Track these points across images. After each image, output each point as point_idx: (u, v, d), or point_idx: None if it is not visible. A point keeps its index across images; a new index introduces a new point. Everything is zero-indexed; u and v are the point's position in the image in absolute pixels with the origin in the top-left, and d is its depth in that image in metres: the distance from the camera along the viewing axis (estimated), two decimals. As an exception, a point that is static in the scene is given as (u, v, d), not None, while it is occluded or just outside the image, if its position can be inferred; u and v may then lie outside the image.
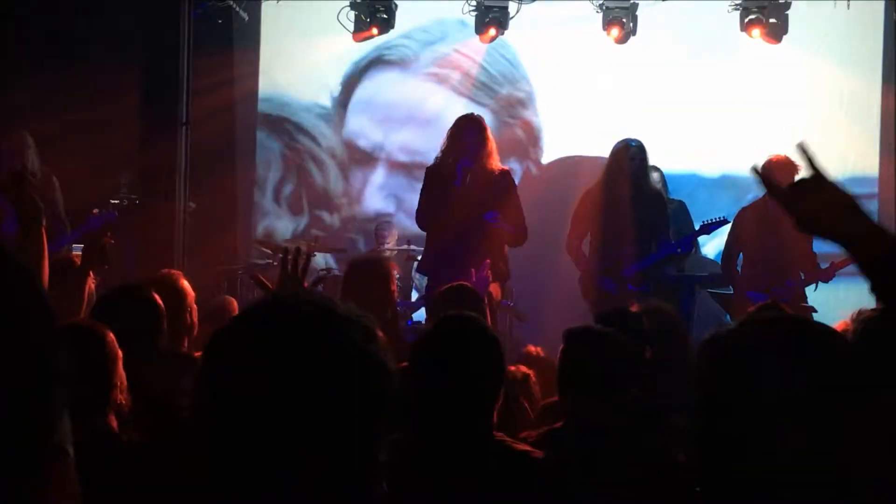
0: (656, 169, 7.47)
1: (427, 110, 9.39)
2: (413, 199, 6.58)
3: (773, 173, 6.99)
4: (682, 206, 7.50)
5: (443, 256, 5.91)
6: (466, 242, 5.83)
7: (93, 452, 2.37)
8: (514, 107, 9.59)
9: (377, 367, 1.22)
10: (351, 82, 9.65)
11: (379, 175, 9.58)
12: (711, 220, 6.64)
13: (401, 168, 9.48)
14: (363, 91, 9.65)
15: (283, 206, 9.71)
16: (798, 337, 1.42)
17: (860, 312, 2.39)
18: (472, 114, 6.22)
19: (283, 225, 9.68)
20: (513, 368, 4.00)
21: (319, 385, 1.17)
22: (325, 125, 9.68)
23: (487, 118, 6.58)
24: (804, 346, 1.40)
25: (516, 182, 6.42)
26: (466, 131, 5.93)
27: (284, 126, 9.67)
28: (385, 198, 9.56)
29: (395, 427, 1.26)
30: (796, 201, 1.64)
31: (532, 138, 9.64)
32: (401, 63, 9.61)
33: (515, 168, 8.75)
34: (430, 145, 8.57)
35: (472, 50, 9.37)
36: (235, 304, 4.89)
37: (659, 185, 7.28)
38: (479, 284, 5.35)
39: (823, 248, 6.70)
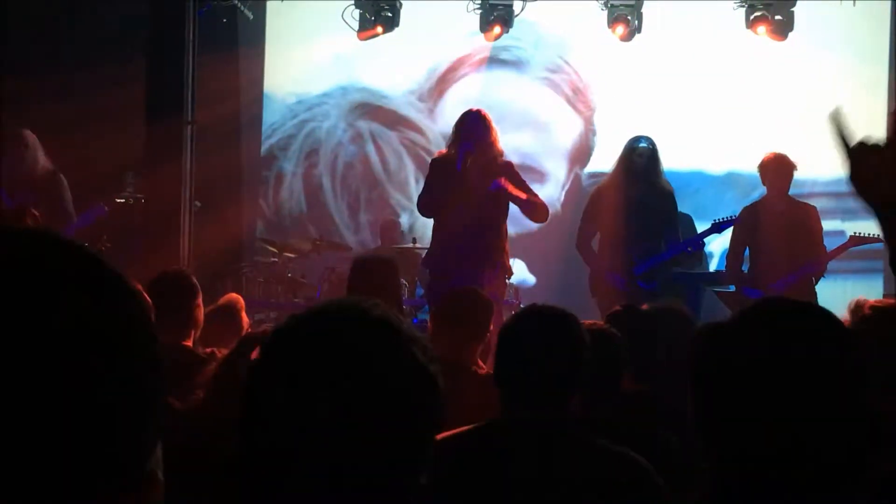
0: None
1: (541, 114, 9.41)
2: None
3: (768, 171, 6.96)
4: (688, 220, 7.51)
5: (447, 249, 5.94)
6: (469, 234, 5.84)
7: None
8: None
9: (435, 388, 1.21)
10: (447, 78, 9.58)
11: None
12: (722, 218, 6.63)
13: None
14: (469, 88, 9.52)
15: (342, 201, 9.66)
16: (792, 320, 1.43)
17: (857, 302, 2.40)
18: (475, 108, 6.26)
19: (287, 224, 9.70)
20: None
21: (377, 399, 1.16)
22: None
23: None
24: (799, 329, 1.42)
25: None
26: (469, 121, 5.99)
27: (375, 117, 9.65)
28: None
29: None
30: (860, 156, 1.67)
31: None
32: (517, 64, 9.56)
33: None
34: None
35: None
36: (242, 301, 4.88)
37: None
38: (494, 289, 5.44)
39: (832, 243, 6.70)
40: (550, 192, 9.38)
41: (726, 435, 1.40)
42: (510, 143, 9.12)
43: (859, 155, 1.67)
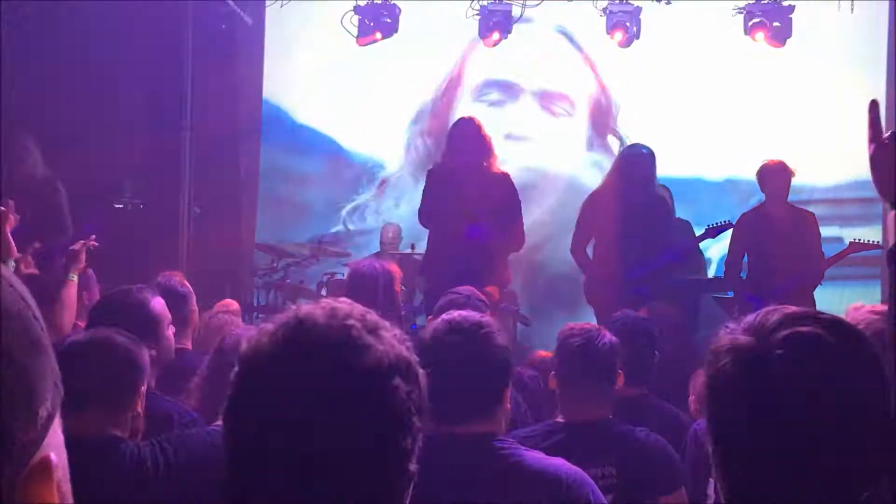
0: (665, 188, 7.47)
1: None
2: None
3: (766, 178, 6.96)
4: (687, 225, 7.49)
5: (444, 257, 5.95)
6: (464, 243, 5.85)
7: (104, 457, 2.40)
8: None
9: (405, 392, 1.23)
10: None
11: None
12: (716, 223, 6.64)
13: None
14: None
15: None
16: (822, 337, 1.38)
17: (855, 308, 2.40)
18: (468, 116, 6.26)
19: (292, 229, 9.70)
20: (519, 369, 4.01)
21: (353, 407, 1.18)
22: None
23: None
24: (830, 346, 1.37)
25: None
26: (462, 129, 5.99)
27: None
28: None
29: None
30: (888, 148, 1.70)
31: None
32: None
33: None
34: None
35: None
36: (238, 307, 4.89)
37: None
38: (492, 296, 5.44)
39: (830, 250, 6.71)
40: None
41: (743, 461, 1.36)
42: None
43: (887, 146, 1.70)
